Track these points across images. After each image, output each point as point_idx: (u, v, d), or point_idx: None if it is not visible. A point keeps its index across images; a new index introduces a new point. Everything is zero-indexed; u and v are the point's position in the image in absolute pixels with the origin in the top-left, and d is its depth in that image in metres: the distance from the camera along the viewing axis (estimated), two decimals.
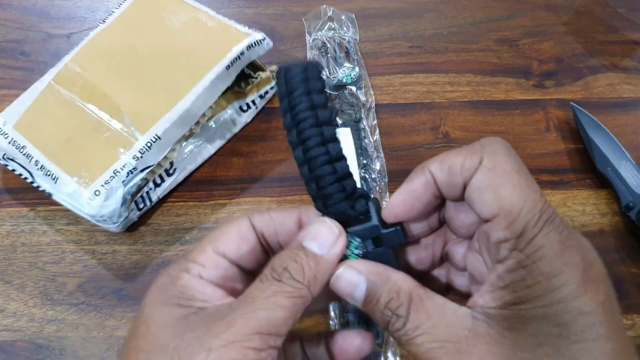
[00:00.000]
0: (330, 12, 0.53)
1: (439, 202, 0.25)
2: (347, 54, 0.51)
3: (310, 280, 0.22)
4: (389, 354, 0.37)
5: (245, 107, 0.47)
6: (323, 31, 0.52)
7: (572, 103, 0.48)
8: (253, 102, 0.47)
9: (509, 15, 0.56)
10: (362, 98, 0.48)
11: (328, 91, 0.48)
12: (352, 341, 0.26)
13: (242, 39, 0.43)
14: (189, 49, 0.43)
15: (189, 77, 0.42)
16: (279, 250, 0.25)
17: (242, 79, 0.47)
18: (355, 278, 0.23)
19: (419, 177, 0.23)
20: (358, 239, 0.24)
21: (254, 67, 0.47)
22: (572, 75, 0.52)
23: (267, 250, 0.26)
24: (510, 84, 0.51)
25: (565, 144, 0.47)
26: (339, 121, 0.46)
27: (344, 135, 0.44)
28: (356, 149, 0.44)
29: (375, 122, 0.47)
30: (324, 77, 0.24)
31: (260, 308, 0.21)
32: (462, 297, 0.25)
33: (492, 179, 0.21)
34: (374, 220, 0.24)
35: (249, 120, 0.48)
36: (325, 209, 0.24)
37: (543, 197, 0.21)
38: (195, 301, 0.23)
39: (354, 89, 0.48)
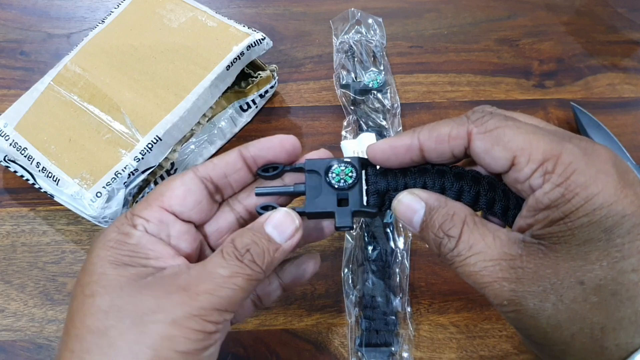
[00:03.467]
0: (358, 15, 0.53)
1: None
2: (374, 58, 0.50)
3: (267, 265, 0.24)
4: (404, 354, 0.37)
5: (245, 107, 0.47)
6: (350, 34, 0.52)
7: (572, 103, 0.48)
8: (253, 101, 0.47)
9: (509, 15, 0.56)
10: (387, 103, 0.48)
11: (353, 95, 0.48)
12: (305, 267, 0.29)
13: (242, 38, 0.43)
14: (189, 49, 0.43)
15: (190, 78, 0.42)
16: (230, 191, 0.27)
17: (242, 78, 0.47)
18: (416, 204, 0.24)
19: (405, 139, 0.25)
20: (352, 169, 0.26)
21: (254, 66, 0.47)
22: (573, 75, 0.52)
23: (215, 199, 0.27)
24: (510, 84, 0.51)
25: None
26: (364, 127, 0.46)
27: (369, 140, 0.44)
28: None
29: (401, 128, 0.47)
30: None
31: (222, 287, 0.22)
32: None
33: (490, 138, 0.22)
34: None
35: (249, 120, 0.48)
36: None
37: (543, 128, 0.22)
38: (148, 259, 0.23)
39: (379, 94, 0.48)
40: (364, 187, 0.26)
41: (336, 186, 0.26)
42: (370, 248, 0.40)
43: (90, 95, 0.42)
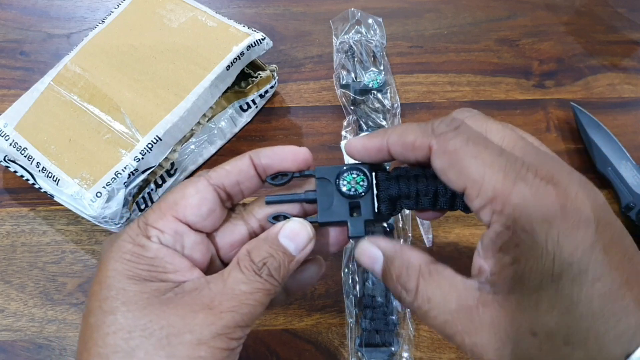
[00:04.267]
0: (358, 15, 0.53)
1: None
2: (374, 58, 0.50)
3: (283, 278, 0.24)
4: (404, 354, 0.37)
5: (245, 107, 0.47)
6: (350, 34, 0.52)
7: (572, 103, 0.48)
8: (253, 101, 0.47)
9: (509, 15, 0.56)
10: (387, 103, 0.48)
11: (353, 95, 0.48)
12: (309, 273, 0.28)
13: (242, 38, 0.43)
14: (189, 49, 0.43)
15: (190, 78, 0.42)
16: (240, 198, 0.26)
17: (242, 78, 0.47)
18: (374, 252, 0.24)
19: (376, 140, 0.25)
20: (364, 177, 0.26)
21: (254, 66, 0.47)
22: (572, 75, 0.52)
23: (226, 206, 0.27)
24: (510, 84, 0.51)
25: (565, 144, 0.47)
26: (364, 127, 0.46)
27: None
28: None
29: None
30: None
31: (245, 304, 0.22)
32: None
33: (447, 159, 0.22)
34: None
35: (249, 120, 0.48)
36: None
37: (504, 156, 0.21)
38: (166, 274, 0.23)
39: (379, 94, 0.48)
40: (375, 192, 0.26)
41: (347, 194, 0.26)
42: None
43: (90, 95, 0.42)
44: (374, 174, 0.26)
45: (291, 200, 0.27)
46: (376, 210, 0.26)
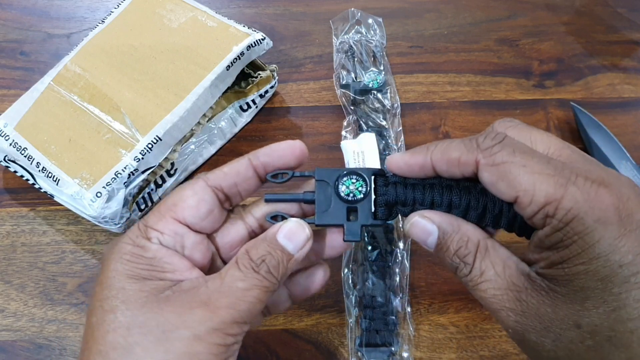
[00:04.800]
0: (358, 15, 0.53)
1: None
2: (374, 58, 0.50)
3: (282, 276, 0.24)
4: (404, 354, 0.37)
5: (245, 107, 0.47)
6: (350, 34, 0.52)
7: (572, 103, 0.48)
8: (253, 101, 0.47)
9: (509, 15, 0.56)
10: (387, 103, 0.48)
11: (353, 95, 0.48)
12: (313, 278, 0.29)
13: (242, 39, 0.43)
14: (189, 49, 0.43)
15: (190, 78, 0.42)
16: (238, 199, 0.27)
17: (242, 78, 0.47)
18: (429, 227, 0.25)
19: (419, 157, 0.25)
20: (362, 182, 0.26)
21: (254, 66, 0.47)
22: (573, 75, 0.52)
23: (225, 207, 0.27)
24: (510, 84, 0.51)
25: None
26: (364, 127, 0.46)
27: (369, 140, 0.44)
28: (380, 154, 0.44)
29: (401, 128, 0.47)
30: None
31: (242, 300, 0.23)
32: None
33: (497, 172, 0.22)
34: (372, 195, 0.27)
35: (249, 120, 0.48)
36: None
37: (552, 163, 0.22)
38: (165, 273, 0.24)
39: (379, 94, 0.48)
40: (373, 197, 0.26)
41: (346, 199, 0.26)
42: (370, 248, 0.40)
43: (90, 95, 0.42)
44: (373, 177, 0.26)
45: (290, 200, 0.27)
46: (373, 213, 0.26)
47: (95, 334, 0.22)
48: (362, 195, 0.26)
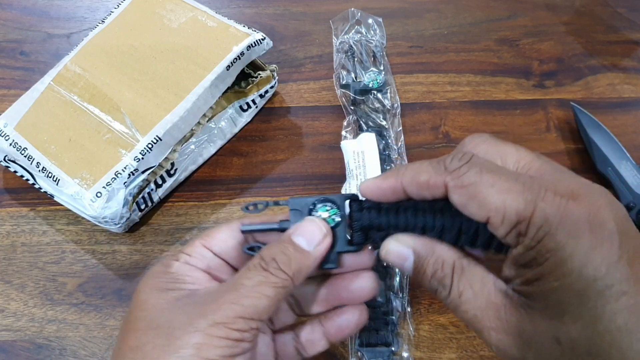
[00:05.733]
0: (358, 15, 0.53)
1: None
2: (374, 58, 0.50)
3: (295, 272, 0.24)
4: (404, 354, 0.37)
5: (245, 107, 0.47)
6: (350, 34, 0.52)
7: (572, 103, 0.48)
8: (253, 101, 0.47)
9: (509, 15, 0.56)
10: (387, 103, 0.48)
11: (353, 95, 0.48)
12: (349, 317, 0.28)
13: (242, 39, 0.43)
14: (189, 49, 0.43)
15: (190, 78, 0.42)
16: None
17: (242, 78, 0.47)
18: (405, 251, 0.25)
19: (390, 181, 0.25)
20: (336, 209, 0.27)
21: (254, 66, 0.47)
22: (572, 75, 0.52)
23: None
24: (510, 84, 0.51)
25: (565, 144, 0.47)
26: (364, 127, 0.46)
27: (369, 140, 0.44)
28: (380, 154, 0.44)
29: (401, 128, 0.47)
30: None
31: (246, 296, 0.23)
32: None
33: (466, 193, 0.22)
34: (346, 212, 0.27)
35: (249, 120, 0.48)
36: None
37: (521, 179, 0.21)
38: (185, 284, 0.25)
39: (379, 94, 0.48)
40: (348, 223, 0.27)
41: None
42: (370, 248, 0.40)
43: (90, 95, 0.42)
44: (347, 202, 0.27)
45: (265, 230, 0.27)
46: (349, 239, 0.26)
47: (119, 343, 0.24)
48: (335, 223, 0.26)
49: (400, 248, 0.25)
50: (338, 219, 0.26)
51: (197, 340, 0.22)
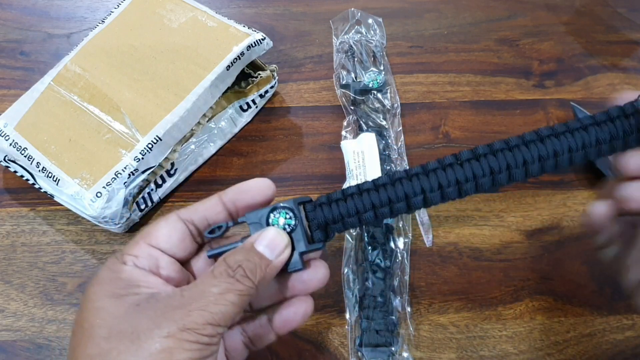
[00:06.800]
0: (358, 15, 0.53)
1: None
2: (374, 58, 0.50)
3: (260, 280, 0.25)
4: (404, 354, 0.37)
5: (245, 107, 0.47)
6: (350, 34, 0.52)
7: (572, 103, 0.48)
8: (253, 101, 0.47)
9: (509, 15, 0.56)
10: (387, 103, 0.48)
11: (353, 95, 0.48)
12: (296, 309, 0.29)
13: (242, 39, 0.43)
14: (189, 49, 0.43)
15: (190, 78, 0.42)
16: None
17: (242, 78, 0.47)
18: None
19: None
20: (291, 213, 0.28)
21: (254, 66, 0.47)
22: (573, 75, 0.52)
23: (197, 242, 0.29)
24: (510, 84, 0.51)
25: None
26: (364, 127, 0.46)
27: (369, 140, 0.44)
28: (380, 154, 0.44)
29: (401, 128, 0.47)
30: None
31: (214, 303, 0.23)
32: None
33: None
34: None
35: (249, 119, 0.48)
36: None
37: None
38: (140, 288, 0.25)
39: (379, 94, 0.48)
40: (306, 224, 0.27)
41: None
42: (370, 248, 0.40)
43: (90, 95, 0.42)
44: (301, 207, 0.28)
45: (230, 250, 0.28)
46: (309, 240, 0.27)
47: (76, 353, 0.23)
48: (292, 225, 0.27)
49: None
50: (294, 221, 0.27)
51: (168, 344, 0.22)
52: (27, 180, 0.41)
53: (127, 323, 0.23)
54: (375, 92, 0.48)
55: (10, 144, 0.40)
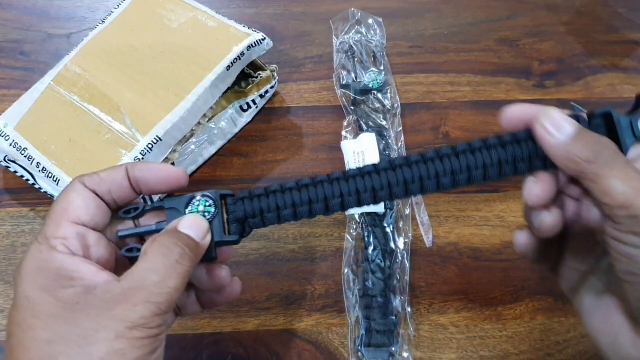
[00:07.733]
0: (358, 15, 0.53)
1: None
2: (374, 58, 0.50)
3: (193, 263, 0.24)
4: (404, 354, 0.37)
5: (245, 107, 0.47)
6: (350, 34, 0.52)
7: (572, 103, 0.48)
8: (253, 101, 0.47)
9: (510, 15, 0.56)
10: (387, 103, 0.48)
11: (353, 95, 0.48)
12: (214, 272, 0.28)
13: (242, 39, 0.43)
14: (189, 49, 0.43)
15: (190, 78, 0.42)
16: (114, 206, 0.27)
17: (242, 78, 0.47)
18: None
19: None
20: (211, 201, 0.27)
21: (254, 66, 0.47)
22: (573, 75, 0.52)
23: (111, 208, 0.27)
24: (510, 84, 0.51)
25: None
26: (364, 127, 0.46)
27: (369, 140, 0.44)
28: (380, 154, 0.44)
29: (401, 128, 0.47)
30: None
31: (156, 292, 0.23)
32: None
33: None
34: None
35: (249, 120, 0.48)
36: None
37: None
38: (74, 280, 0.23)
39: (379, 94, 0.48)
40: (225, 217, 0.27)
41: None
42: (370, 248, 0.40)
43: (90, 95, 0.42)
44: (221, 199, 0.27)
45: (143, 233, 0.27)
46: (226, 232, 0.27)
47: (17, 355, 0.22)
48: (211, 213, 0.27)
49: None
50: (213, 209, 0.27)
51: (118, 345, 0.21)
52: (27, 180, 0.41)
53: (69, 325, 0.22)
54: (375, 92, 0.48)
55: (10, 144, 0.40)
